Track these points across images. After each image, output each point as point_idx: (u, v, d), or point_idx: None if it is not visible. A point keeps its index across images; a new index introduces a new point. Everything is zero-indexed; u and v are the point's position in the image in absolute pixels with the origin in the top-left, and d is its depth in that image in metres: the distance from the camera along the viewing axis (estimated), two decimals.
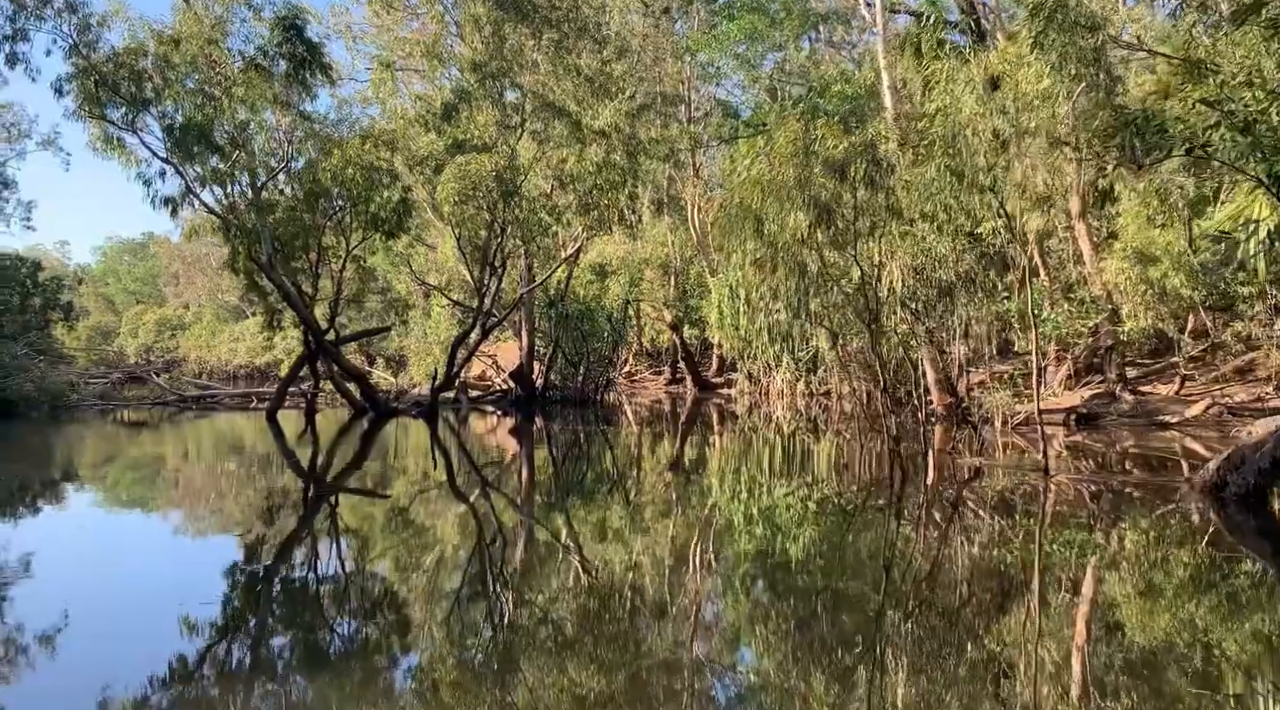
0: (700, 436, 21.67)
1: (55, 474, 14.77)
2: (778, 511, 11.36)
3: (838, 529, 10.32)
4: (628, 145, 22.69)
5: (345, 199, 20.45)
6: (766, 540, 9.80)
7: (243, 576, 8.17)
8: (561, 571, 8.47)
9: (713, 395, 36.45)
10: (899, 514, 10.86)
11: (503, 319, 27.49)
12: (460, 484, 13.93)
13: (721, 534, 10.23)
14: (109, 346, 73.62)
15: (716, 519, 11.00)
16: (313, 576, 8.21)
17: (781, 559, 8.91)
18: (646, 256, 33.90)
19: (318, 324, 21.52)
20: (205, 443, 20.49)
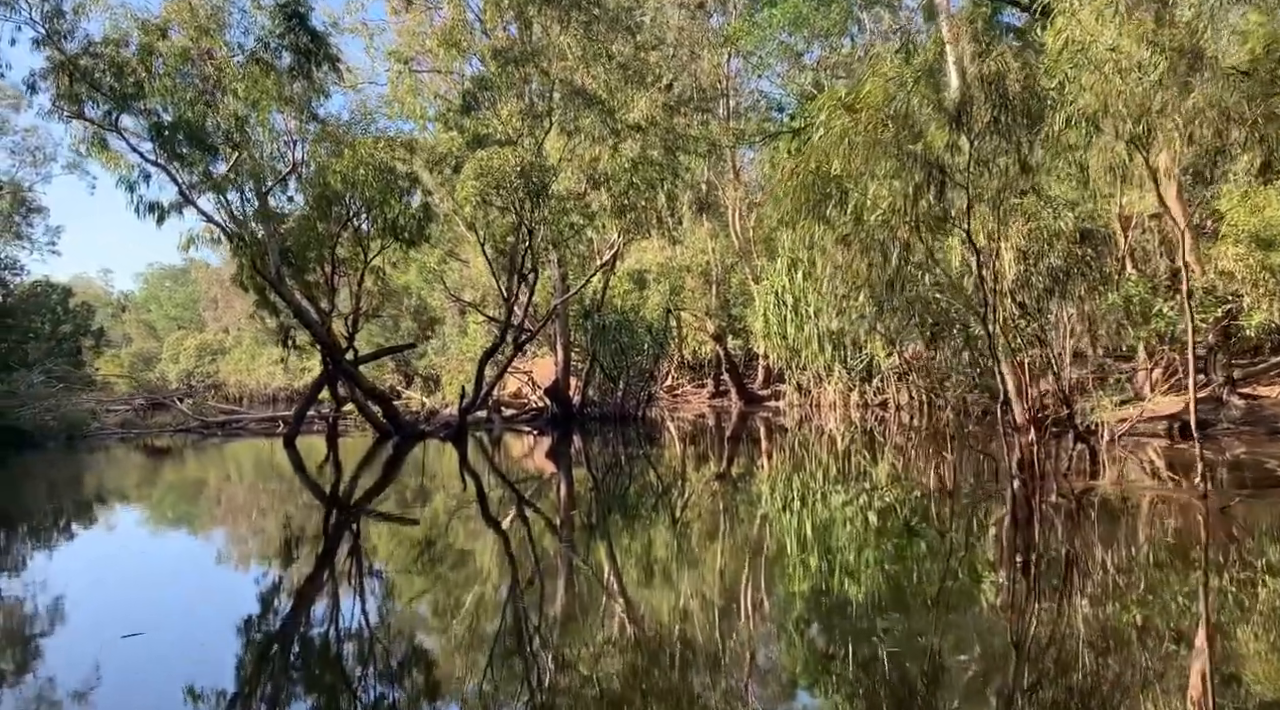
0: (748, 456, 19.88)
1: (44, 505, 13.36)
2: (859, 555, 9.38)
3: (941, 582, 8.13)
4: (665, 140, 20.95)
5: (360, 204, 18.93)
6: (855, 612, 7.03)
7: (256, 630, 6.90)
8: (605, 622, 6.88)
9: (759, 408, 34.63)
10: (1030, 572, 7.90)
11: (535, 333, 25.90)
12: (489, 516, 12.29)
13: (790, 592, 8.12)
14: (150, 373, 73.38)
15: (783, 567, 9.10)
16: (327, 626, 7.09)
17: (885, 637, 6.30)
18: (687, 263, 32.18)
19: (334, 342, 19.97)
20: (223, 472, 19.09)
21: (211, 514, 12.97)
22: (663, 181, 20.90)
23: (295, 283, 19.30)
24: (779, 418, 30.20)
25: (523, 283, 21.75)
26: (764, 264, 35.30)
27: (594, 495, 14.24)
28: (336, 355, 19.81)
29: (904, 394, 28.70)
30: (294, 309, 18.91)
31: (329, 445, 21.01)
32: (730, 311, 36.80)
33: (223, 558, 9.95)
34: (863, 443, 20.76)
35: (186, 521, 12.54)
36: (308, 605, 7.78)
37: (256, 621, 7.18)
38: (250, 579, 8.89)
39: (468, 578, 8.68)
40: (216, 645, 6.47)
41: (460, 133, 20.43)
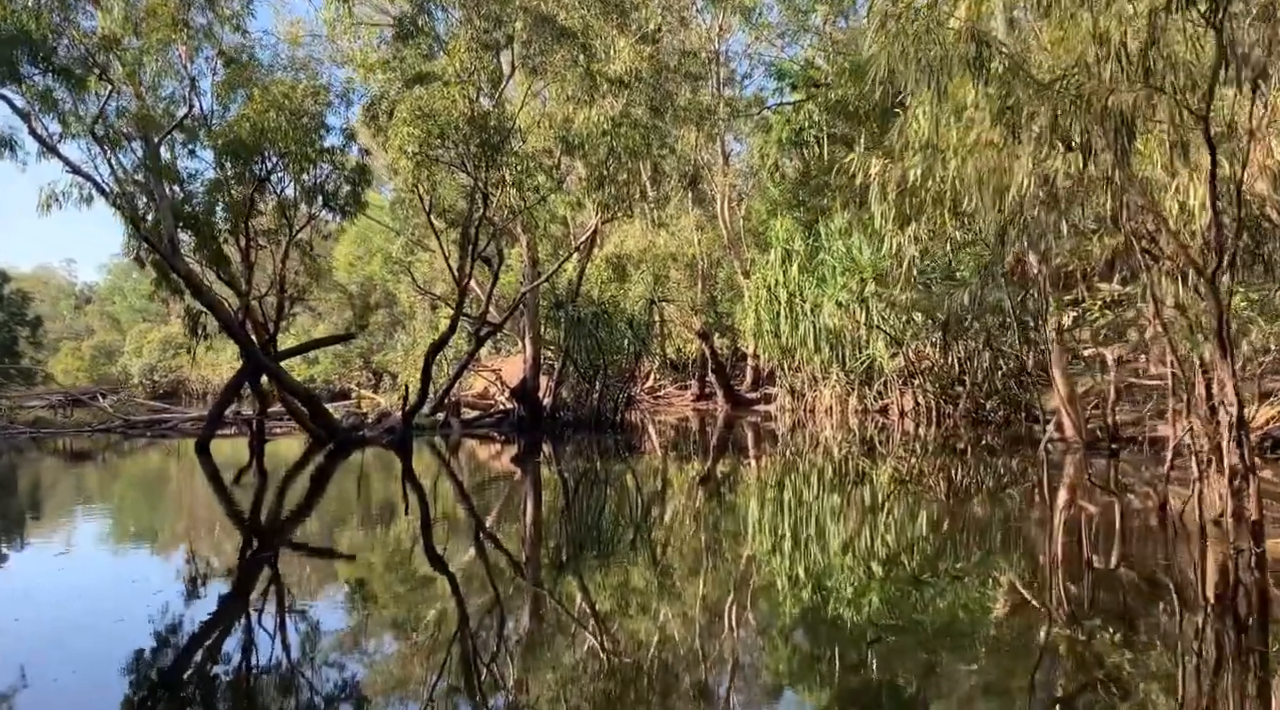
0: (734, 463, 17.16)
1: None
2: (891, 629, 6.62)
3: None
4: (651, 99, 18.07)
5: (275, 161, 15.97)
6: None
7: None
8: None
9: (747, 412, 31.94)
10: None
11: (500, 325, 23.05)
12: (433, 554, 9.50)
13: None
14: (112, 367, 70.15)
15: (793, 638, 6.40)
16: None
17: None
18: (673, 250, 29.39)
19: (245, 333, 16.98)
20: (119, 480, 16.17)
21: (72, 542, 10.08)
22: (648, 147, 18.03)
23: (202, 257, 16.34)
24: (769, 423, 27.51)
25: (485, 266, 18.80)
26: (755, 257, 32.65)
27: (561, 523, 11.47)
28: (250, 347, 16.82)
29: (908, 399, 26.09)
30: (192, 288, 15.90)
31: (252, 452, 18.07)
32: (717, 307, 34.09)
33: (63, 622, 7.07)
34: (868, 457, 18.04)
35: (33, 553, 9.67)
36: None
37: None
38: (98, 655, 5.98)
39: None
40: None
41: (398, 68, 17.10)
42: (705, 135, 27.97)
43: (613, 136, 17.29)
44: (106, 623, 6.75)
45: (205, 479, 15.62)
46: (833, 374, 27.53)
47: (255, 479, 15.40)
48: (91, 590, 7.79)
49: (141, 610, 7.01)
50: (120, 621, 6.75)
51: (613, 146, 17.48)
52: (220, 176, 16.12)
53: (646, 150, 18.27)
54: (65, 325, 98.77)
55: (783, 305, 27.72)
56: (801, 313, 27.17)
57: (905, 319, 23.84)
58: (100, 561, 9.02)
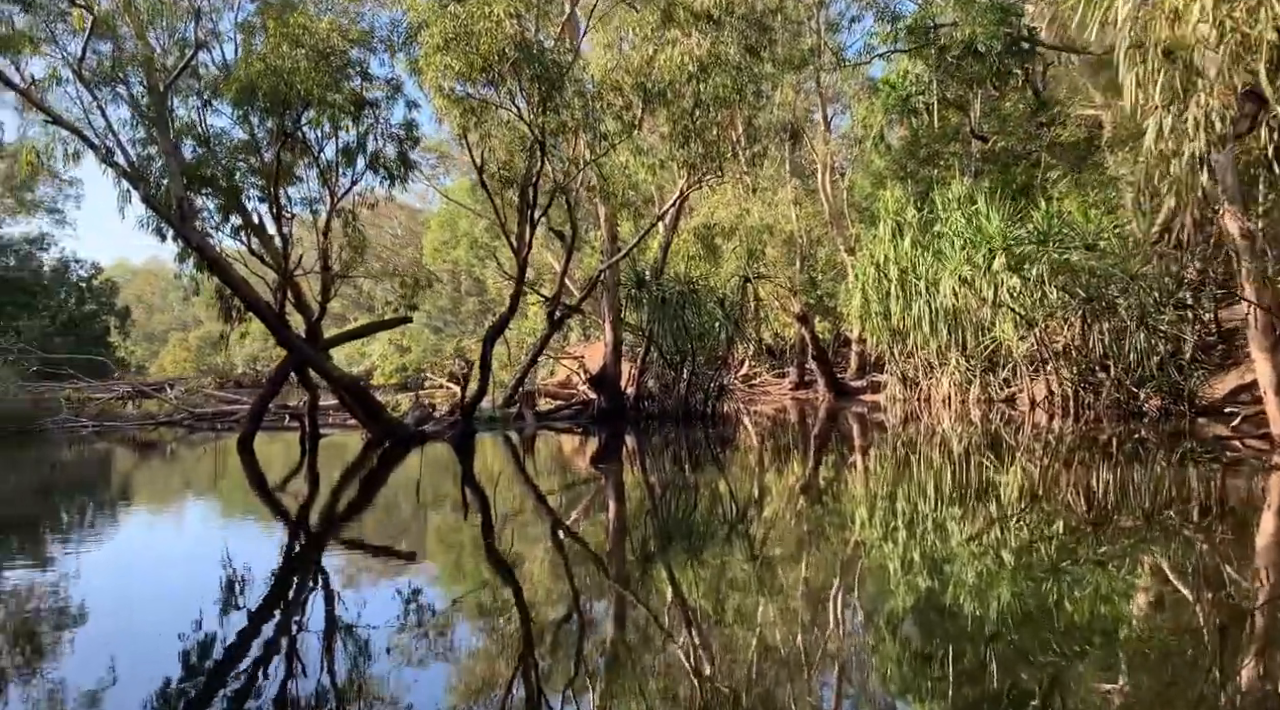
0: (840, 461, 14.61)
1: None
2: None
3: None
4: (745, 37, 15.40)
5: (300, 110, 13.80)
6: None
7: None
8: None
9: (852, 402, 29.20)
10: None
11: (575, 307, 20.78)
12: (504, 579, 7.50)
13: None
14: (217, 356, 70.75)
15: None
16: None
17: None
18: (769, 223, 26.71)
19: (276, 315, 15.03)
20: (159, 482, 14.52)
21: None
22: (740, 94, 15.39)
23: (228, 228, 14.43)
24: (877, 414, 24.76)
25: (533, 228, 16.42)
26: (859, 232, 29.78)
27: (639, 541, 9.19)
28: (284, 332, 14.87)
29: (1040, 387, 22.98)
30: (209, 261, 13.99)
31: (303, 451, 16.25)
32: (818, 288, 31.30)
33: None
34: (993, 452, 15.26)
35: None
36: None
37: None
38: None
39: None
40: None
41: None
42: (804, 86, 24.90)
43: (700, 81, 14.77)
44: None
45: (236, 489, 13.80)
46: (951, 359, 24.57)
47: (305, 484, 13.56)
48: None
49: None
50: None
51: (700, 94, 14.99)
52: (247, 132, 14.19)
53: (739, 99, 15.68)
54: (174, 316, 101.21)
55: (893, 283, 24.84)
56: (915, 291, 24.26)
57: (1039, 295, 20.77)
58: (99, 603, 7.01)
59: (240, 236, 15.02)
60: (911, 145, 30.71)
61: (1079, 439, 16.97)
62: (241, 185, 14.62)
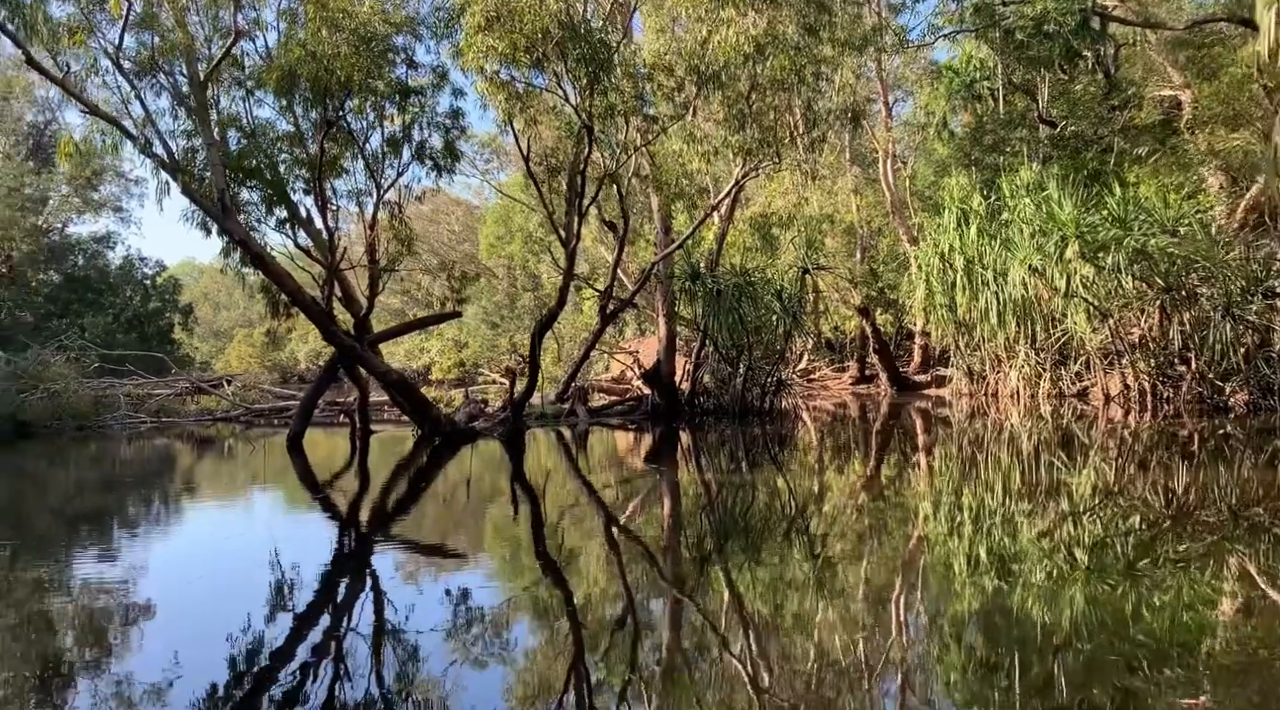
0: (904, 459, 13.92)
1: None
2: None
3: None
4: (803, 15, 14.63)
5: (341, 98, 13.43)
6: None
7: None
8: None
9: (915, 397, 28.29)
10: None
11: (628, 301, 20.32)
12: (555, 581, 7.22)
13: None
14: (280, 352, 71.74)
15: None
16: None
17: None
18: (829, 212, 25.92)
19: (320, 309, 14.65)
20: (229, 481, 14.37)
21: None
22: (799, 76, 14.70)
23: (272, 221, 14.15)
24: (942, 409, 23.89)
25: (582, 218, 15.89)
26: (922, 221, 28.85)
27: (702, 531, 8.75)
28: (328, 326, 14.58)
29: (1115, 381, 21.95)
30: (251, 255, 13.70)
31: (353, 449, 16.02)
32: (879, 279, 30.41)
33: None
34: (1064, 452, 14.44)
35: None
36: None
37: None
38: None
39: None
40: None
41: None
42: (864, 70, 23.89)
43: (756, 63, 14.14)
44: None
45: (285, 487, 13.58)
46: (1019, 352, 23.60)
47: (354, 482, 13.33)
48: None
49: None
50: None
51: (756, 76, 14.35)
52: (291, 123, 13.93)
53: (798, 81, 15.00)
54: (239, 313, 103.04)
55: (959, 274, 23.92)
56: (982, 282, 23.32)
57: (1114, 284, 19.78)
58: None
59: (285, 230, 14.80)
60: (976, 132, 29.73)
61: (1158, 435, 16.05)
62: (286, 177, 14.38)
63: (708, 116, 17.18)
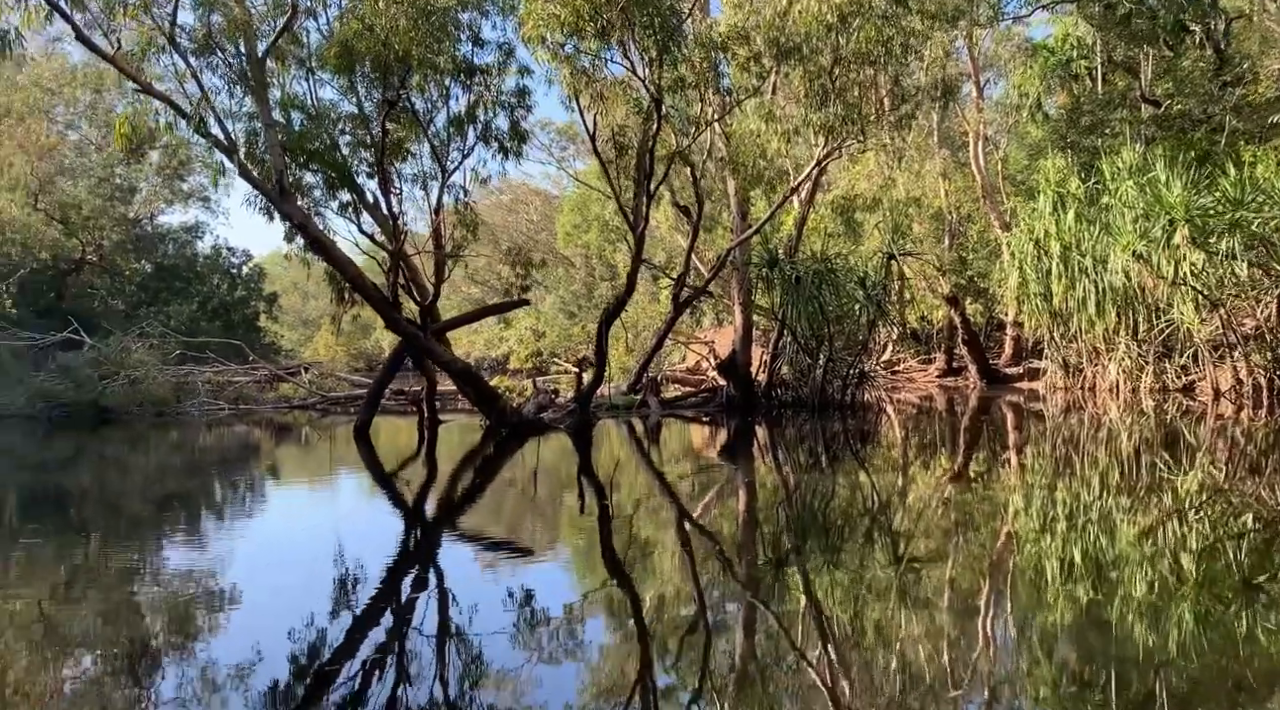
0: (996, 457, 13.00)
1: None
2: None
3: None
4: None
5: (402, 75, 12.91)
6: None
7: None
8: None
9: (1005, 390, 27.04)
10: None
11: (702, 289, 19.61)
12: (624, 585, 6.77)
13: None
14: (367, 341, 72.82)
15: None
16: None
17: None
18: (916, 195, 24.79)
19: (382, 297, 14.17)
20: (297, 470, 14.24)
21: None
22: (886, 49, 13.78)
23: (344, 202, 13.72)
24: (1035, 404, 22.68)
25: (650, 199, 15.19)
26: (1015, 206, 27.52)
27: (778, 531, 8.21)
28: (391, 314, 14.18)
29: (1224, 375, 20.51)
30: (309, 239, 13.37)
31: (420, 438, 15.73)
32: (969, 267, 29.13)
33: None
34: (1169, 452, 13.33)
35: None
36: None
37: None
38: None
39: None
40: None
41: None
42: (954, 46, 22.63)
43: (840, 33, 13.28)
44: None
45: (353, 478, 13.33)
46: (1120, 344, 22.26)
47: (420, 473, 13.06)
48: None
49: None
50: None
51: (840, 49, 13.49)
52: (354, 103, 13.56)
53: (885, 53, 14.08)
54: (328, 302, 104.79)
55: (1055, 261, 22.64)
56: (1080, 269, 22.04)
57: (1227, 271, 18.39)
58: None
59: (348, 214, 14.47)
60: (1072, 113, 28.30)
61: (1274, 434, 14.79)
62: (350, 160, 14.04)
63: (787, 95, 16.37)
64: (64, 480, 13.10)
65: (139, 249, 38.61)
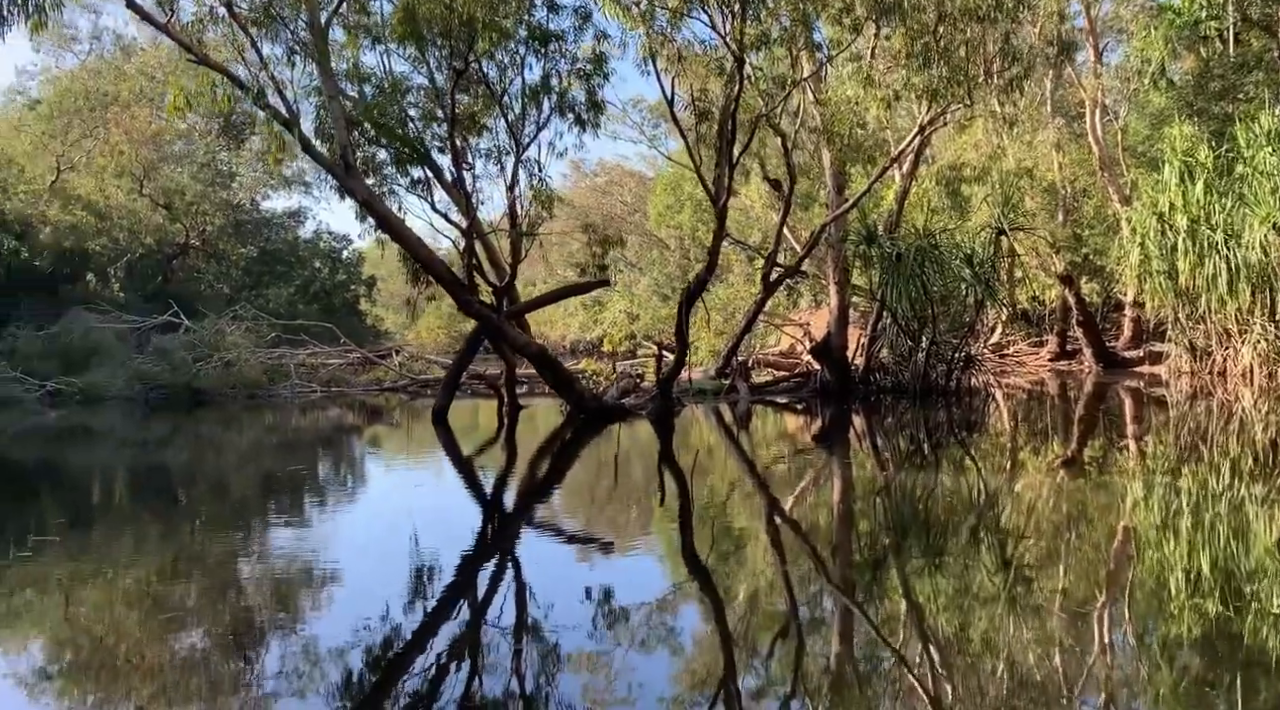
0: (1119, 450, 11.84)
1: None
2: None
3: None
4: None
5: (467, 40, 12.25)
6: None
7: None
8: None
9: (1124, 375, 25.37)
10: None
11: (795, 267, 18.64)
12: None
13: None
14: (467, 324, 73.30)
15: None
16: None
17: None
18: (1028, 166, 23.23)
19: (453, 277, 13.59)
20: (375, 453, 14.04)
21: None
22: (997, 3, 12.55)
23: (416, 179, 13.22)
24: (1156, 389, 21.09)
25: (732, 166, 14.22)
26: (1136, 178, 25.69)
27: (874, 529, 7.67)
28: (463, 295, 13.63)
29: None
30: (377, 218, 12.87)
31: (501, 422, 15.30)
32: (1084, 244, 27.36)
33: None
34: None
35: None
36: None
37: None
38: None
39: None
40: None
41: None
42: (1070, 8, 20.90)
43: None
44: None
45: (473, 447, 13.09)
46: (1254, 325, 20.49)
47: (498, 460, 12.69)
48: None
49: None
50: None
51: (944, 5, 12.36)
52: (425, 75, 13.02)
53: (994, 8, 12.89)
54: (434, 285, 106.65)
55: (1180, 236, 20.97)
56: (1209, 245, 20.35)
57: None
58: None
59: (420, 191, 14.04)
60: (1201, 78, 26.29)
61: None
62: (421, 133, 13.56)
63: (887, 60, 15.26)
64: (164, 460, 13.29)
65: (241, 234, 39.38)
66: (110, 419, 18.62)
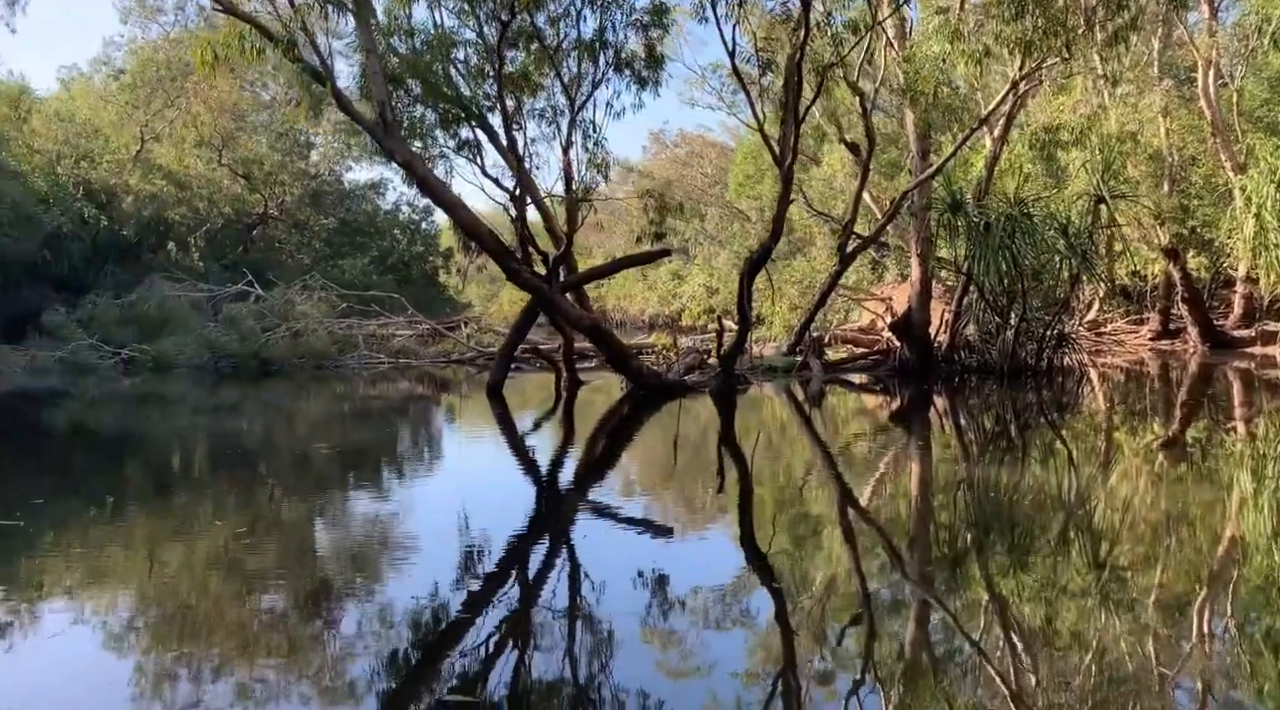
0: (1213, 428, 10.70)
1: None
2: None
3: None
4: None
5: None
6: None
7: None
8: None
9: (1232, 355, 23.66)
10: None
11: (873, 237, 17.56)
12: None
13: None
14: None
15: None
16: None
17: None
18: (1132, 130, 21.57)
19: (500, 245, 12.85)
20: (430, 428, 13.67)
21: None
22: None
23: (464, 140, 12.55)
24: (1268, 371, 19.52)
25: (797, 126, 13.19)
26: (1253, 145, 23.75)
27: (955, 522, 7.06)
28: (512, 264, 12.94)
29: None
30: (418, 180, 12.21)
31: (558, 397, 14.75)
32: (1192, 216, 25.50)
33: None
34: None
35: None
36: None
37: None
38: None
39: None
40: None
41: None
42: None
43: None
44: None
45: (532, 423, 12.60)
46: None
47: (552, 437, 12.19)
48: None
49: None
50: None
51: None
52: (474, 29, 12.37)
53: None
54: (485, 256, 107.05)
55: None
56: None
57: None
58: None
59: (467, 153, 13.41)
60: None
61: None
62: (471, 93, 12.93)
63: (977, 15, 14.10)
64: (232, 426, 13.36)
65: (320, 205, 39.59)
66: (181, 387, 18.69)
